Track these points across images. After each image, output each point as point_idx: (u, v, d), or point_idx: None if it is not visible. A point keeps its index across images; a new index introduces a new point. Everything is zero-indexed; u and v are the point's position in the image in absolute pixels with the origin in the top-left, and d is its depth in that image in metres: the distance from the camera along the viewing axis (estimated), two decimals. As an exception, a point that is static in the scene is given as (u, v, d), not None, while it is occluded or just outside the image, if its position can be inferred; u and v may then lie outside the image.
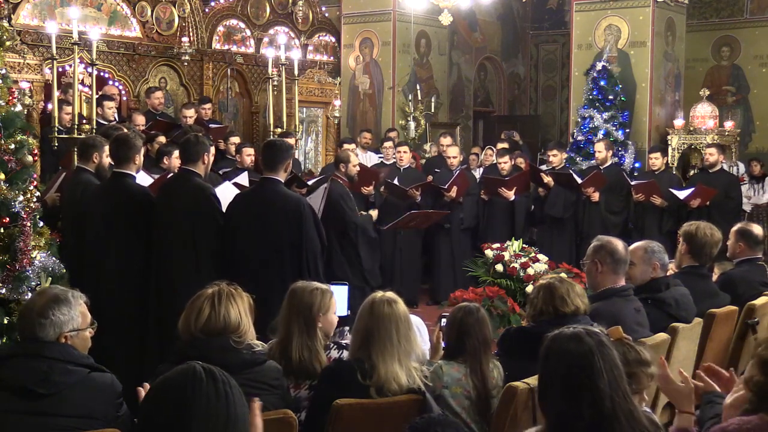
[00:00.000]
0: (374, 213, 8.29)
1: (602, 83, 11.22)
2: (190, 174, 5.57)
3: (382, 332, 3.39)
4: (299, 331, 3.65)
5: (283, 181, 5.66)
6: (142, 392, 2.92)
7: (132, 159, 5.63)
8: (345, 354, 3.75)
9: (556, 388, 2.42)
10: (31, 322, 3.07)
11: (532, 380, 3.33)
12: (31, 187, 4.49)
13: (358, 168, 8.24)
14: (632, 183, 9.50)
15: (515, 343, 3.97)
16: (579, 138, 11.39)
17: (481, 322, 3.83)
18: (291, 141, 9.21)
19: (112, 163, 6.31)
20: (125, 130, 7.01)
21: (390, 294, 3.54)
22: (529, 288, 6.75)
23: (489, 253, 7.20)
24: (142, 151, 5.86)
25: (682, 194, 9.08)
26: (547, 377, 2.46)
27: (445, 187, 9.34)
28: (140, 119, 9.33)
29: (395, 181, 9.40)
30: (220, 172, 8.21)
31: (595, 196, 9.36)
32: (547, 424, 2.45)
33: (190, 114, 10.01)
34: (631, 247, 4.68)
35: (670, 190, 9.25)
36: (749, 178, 11.93)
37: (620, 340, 3.04)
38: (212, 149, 6.26)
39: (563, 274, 6.52)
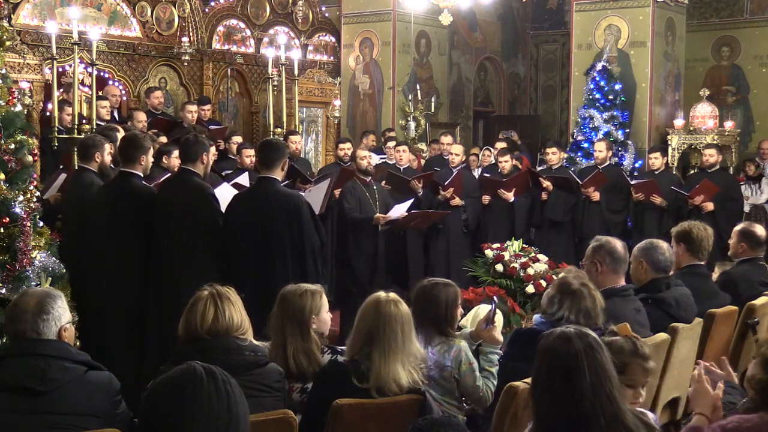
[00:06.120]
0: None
1: (602, 83, 11.22)
2: (189, 174, 5.57)
3: (387, 332, 3.36)
4: (293, 335, 3.65)
5: (280, 180, 5.65)
6: None
7: (138, 159, 5.63)
8: (339, 359, 3.71)
9: (541, 385, 2.46)
10: (31, 321, 3.07)
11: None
12: (31, 187, 4.50)
13: (367, 162, 8.21)
14: (632, 182, 9.49)
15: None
16: (579, 138, 11.39)
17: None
18: (297, 138, 9.23)
19: (112, 165, 6.32)
20: (121, 130, 7.01)
21: (393, 295, 3.52)
22: (530, 288, 6.75)
23: (489, 253, 7.19)
24: (150, 152, 5.85)
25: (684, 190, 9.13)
26: (535, 375, 2.50)
27: (445, 184, 9.32)
28: (141, 116, 9.30)
29: (395, 183, 9.37)
30: (223, 173, 8.18)
31: (596, 196, 9.34)
32: (533, 422, 2.46)
33: (193, 110, 9.99)
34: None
35: (672, 188, 9.26)
36: (745, 178, 11.91)
37: (626, 337, 3.04)
38: (212, 149, 6.25)
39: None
